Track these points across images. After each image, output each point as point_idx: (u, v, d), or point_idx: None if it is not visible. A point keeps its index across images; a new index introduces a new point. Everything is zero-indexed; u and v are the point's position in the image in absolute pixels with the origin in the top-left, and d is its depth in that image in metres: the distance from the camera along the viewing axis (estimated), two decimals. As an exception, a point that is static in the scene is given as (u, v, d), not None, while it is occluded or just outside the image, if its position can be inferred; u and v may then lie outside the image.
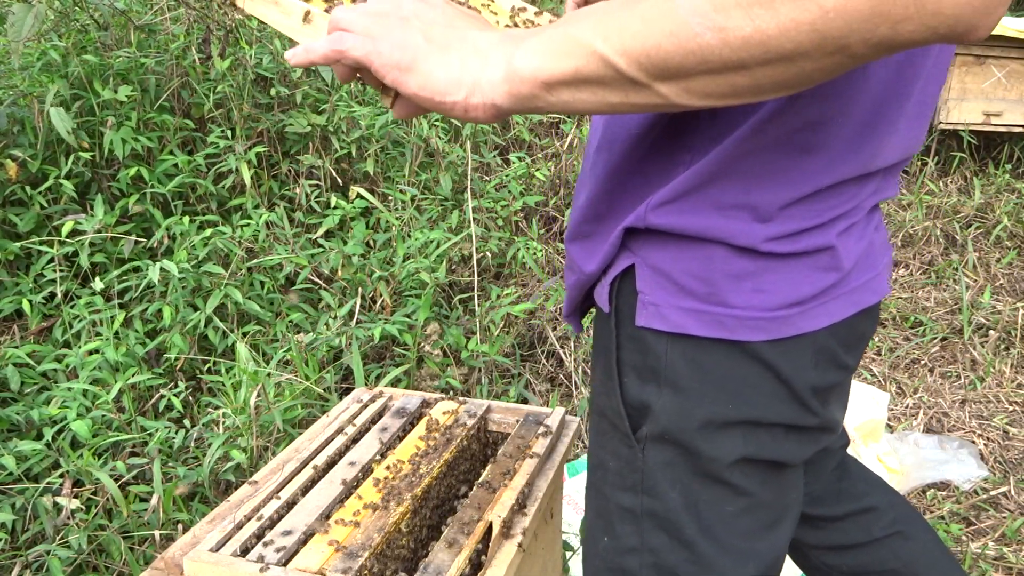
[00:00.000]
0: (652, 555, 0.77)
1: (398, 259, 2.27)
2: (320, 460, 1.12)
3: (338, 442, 1.16)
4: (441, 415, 1.23)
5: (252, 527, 0.97)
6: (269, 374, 1.83)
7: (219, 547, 0.95)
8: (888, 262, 0.80)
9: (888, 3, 0.44)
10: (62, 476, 1.63)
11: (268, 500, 1.03)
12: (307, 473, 1.08)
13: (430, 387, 2.03)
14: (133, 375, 1.86)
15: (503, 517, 0.98)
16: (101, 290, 2.04)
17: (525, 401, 2.14)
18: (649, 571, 0.78)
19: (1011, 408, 2.29)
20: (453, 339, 2.10)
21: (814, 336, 0.71)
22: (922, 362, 2.50)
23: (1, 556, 1.54)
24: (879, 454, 1.94)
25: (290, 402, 1.77)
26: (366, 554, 0.92)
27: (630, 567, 0.79)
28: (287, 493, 1.04)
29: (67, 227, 2.06)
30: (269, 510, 1.00)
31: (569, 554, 1.56)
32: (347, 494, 1.05)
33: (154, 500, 1.58)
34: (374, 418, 1.25)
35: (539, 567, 1.16)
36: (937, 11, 0.44)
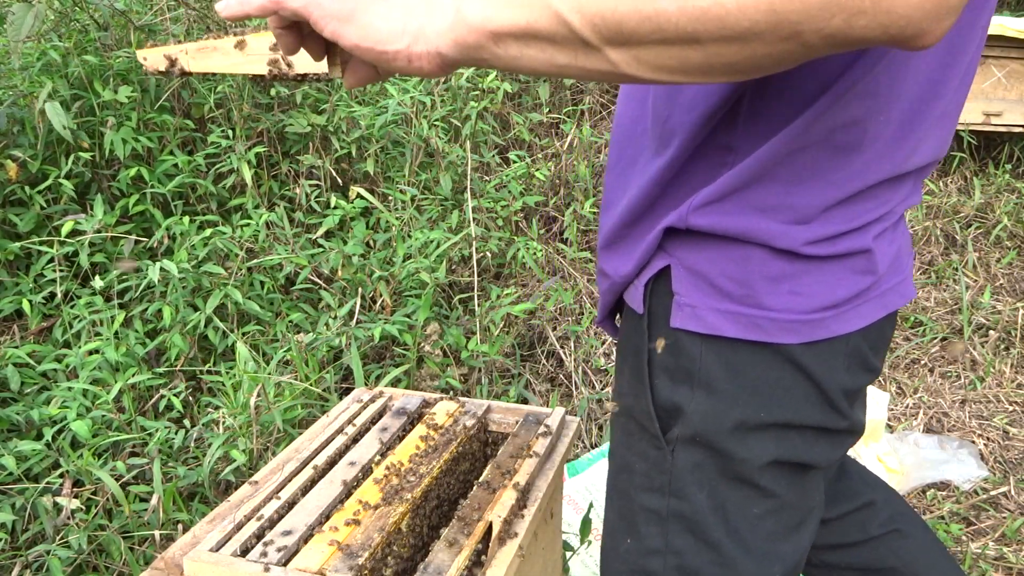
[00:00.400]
0: (676, 557, 0.77)
1: (398, 259, 2.27)
2: (320, 460, 1.12)
3: (338, 442, 1.16)
4: (441, 415, 1.23)
5: (252, 527, 0.97)
6: (269, 374, 1.83)
7: (219, 547, 0.95)
8: (912, 265, 0.81)
9: None
10: (62, 476, 1.63)
11: (268, 500, 1.03)
12: (307, 473, 1.08)
13: (430, 387, 2.03)
14: (133, 375, 1.86)
15: (503, 517, 0.98)
16: (101, 290, 2.04)
17: (525, 401, 2.14)
18: (673, 573, 0.78)
19: (1011, 408, 2.29)
20: (453, 339, 2.10)
21: (847, 339, 0.72)
22: (922, 362, 2.50)
23: (1, 556, 1.54)
24: (879, 454, 1.94)
25: (290, 402, 1.77)
26: (366, 554, 0.92)
27: (653, 568, 0.79)
28: (287, 493, 1.04)
29: (67, 227, 2.06)
30: (269, 510, 1.00)
31: (569, 554, 1.56)
32: (347, 494, 1.05)
33: (154, 500, 1.58)
34: (374, 418, 1.25)
35: (539, 567, 1.16)
36: (890, 9, 0.45)
